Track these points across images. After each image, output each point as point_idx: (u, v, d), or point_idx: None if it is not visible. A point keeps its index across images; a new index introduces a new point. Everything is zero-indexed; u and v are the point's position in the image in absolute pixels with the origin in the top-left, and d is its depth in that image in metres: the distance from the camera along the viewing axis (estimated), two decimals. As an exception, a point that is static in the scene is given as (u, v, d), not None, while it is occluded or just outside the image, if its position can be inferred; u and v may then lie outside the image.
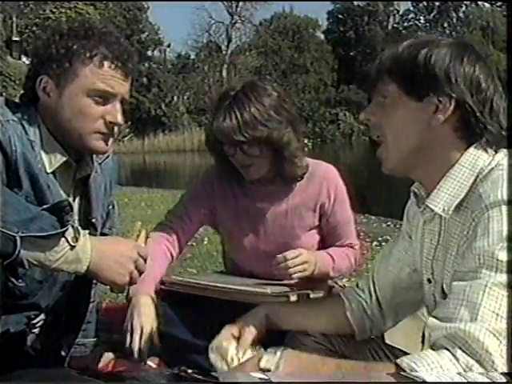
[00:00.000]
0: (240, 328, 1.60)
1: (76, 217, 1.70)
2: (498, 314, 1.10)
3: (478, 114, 1.27)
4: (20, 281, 1.58)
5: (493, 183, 1.23)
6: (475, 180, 1.28)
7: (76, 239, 1.39)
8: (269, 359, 1.27)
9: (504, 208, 1.17)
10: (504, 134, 1.31)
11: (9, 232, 1.29)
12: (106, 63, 1.60)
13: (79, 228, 1.43)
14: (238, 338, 1.58)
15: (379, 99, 1.35)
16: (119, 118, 1.63)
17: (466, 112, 1.28)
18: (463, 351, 1.09)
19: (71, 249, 1.39)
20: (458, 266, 1.24)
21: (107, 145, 1.66)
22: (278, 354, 1.28)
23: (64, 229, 1.37)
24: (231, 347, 1.55)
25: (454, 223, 1.31)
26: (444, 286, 1.34)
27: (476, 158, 1.29)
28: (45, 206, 1.42)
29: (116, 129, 1.65)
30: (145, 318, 1.93)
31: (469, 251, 1.20)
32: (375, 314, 1.60)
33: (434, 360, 1.10)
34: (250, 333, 1.58)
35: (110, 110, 1.62)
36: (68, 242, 1.38)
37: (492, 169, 1.27)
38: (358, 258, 2.27)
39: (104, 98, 1.61)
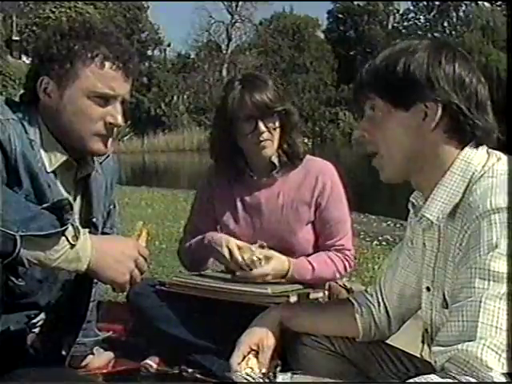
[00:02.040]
0: (257, 341, 1.59)
1: (77, 216, 1.70)
2: (496, 327, 1.10)
3: (466, 112, 1.27)
4: (20, 280, 1.58)
5: (482, 192, 1.23)
6: (467, 186, 1.28)
7: (76, 238, 1.39)
8: None
9: (493, 217, 1.17)
10: (492, 125, 1.30)
11: (9, 231, 1.29)
12: (107, 64, 1.60)
13: (79, 227, 1.42)
14: (255, 350, 1.58)
15: (369, 115, 1.36)
16: (119, 120, 1.63)
17: (455, 112, 1.27)
18: (465, 372, 1.09)
19: (71, 247, 1.38)
20: (454, 282, 1.23)
21: (106, 147, 1.66)
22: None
23: (64, 227, 1.37)
24: (253, 365, 1.55)
25: (452, 230, 1.31)
26: (445, 293, 1.33)
27: (467, 164, 1.29)
28: (45, 205, 1.41)
29: (115, 130, 1.65)
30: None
31: (462, 264, 1.20)
32: (382, 320, 1.60)
33: None
34: (269, 348, 1.59)
35: (111, 111, 1.62)
36: (68, 240, 1.38)
37: (483, 175, 1.27)
38: (349, 263, 2.23)
39: (105, 99, 1.61)
